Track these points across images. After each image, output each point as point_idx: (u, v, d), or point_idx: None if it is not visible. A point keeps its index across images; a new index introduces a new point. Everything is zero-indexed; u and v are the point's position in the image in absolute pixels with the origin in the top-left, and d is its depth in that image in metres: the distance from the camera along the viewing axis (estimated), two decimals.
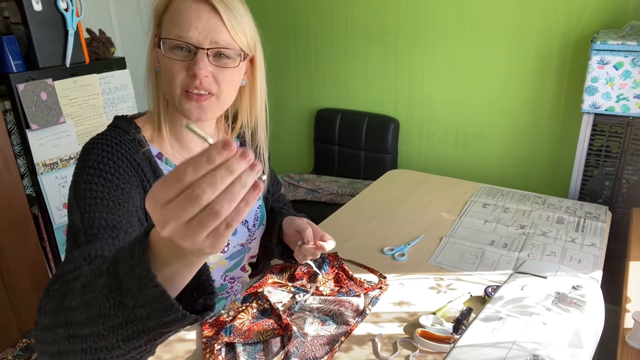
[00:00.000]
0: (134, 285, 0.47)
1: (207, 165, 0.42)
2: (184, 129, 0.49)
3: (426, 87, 2.46)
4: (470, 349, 0.62)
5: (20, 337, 1.79)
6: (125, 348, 0.51)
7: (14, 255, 1.73)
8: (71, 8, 1.77)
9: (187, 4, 0.81)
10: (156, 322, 0.48)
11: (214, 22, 0.81)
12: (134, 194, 0.83)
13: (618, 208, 1.82)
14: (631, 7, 1.92)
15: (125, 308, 0.48)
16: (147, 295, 0.47)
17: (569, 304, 0.68)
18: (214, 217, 0.42)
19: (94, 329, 0.51)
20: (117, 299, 0.49)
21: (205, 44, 0.80)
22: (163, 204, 0.43)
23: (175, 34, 0.80)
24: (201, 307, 0.54)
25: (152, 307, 0.47)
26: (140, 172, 0.85)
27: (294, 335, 0.98)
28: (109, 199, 0.77)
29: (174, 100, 0.84)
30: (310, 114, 2.87)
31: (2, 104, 1.68)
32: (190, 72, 0.81)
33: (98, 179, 0.78)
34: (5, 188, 1.67)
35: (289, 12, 2.71)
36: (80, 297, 0.53)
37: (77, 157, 1.87)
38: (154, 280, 0.46)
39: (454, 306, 1.12)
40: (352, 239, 1.45)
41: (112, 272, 0.50)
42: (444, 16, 2.30)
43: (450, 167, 2.53)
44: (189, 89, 0.82)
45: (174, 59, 0.81)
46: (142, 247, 0.47)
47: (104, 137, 0.85)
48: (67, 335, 0.54)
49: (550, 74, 2.16)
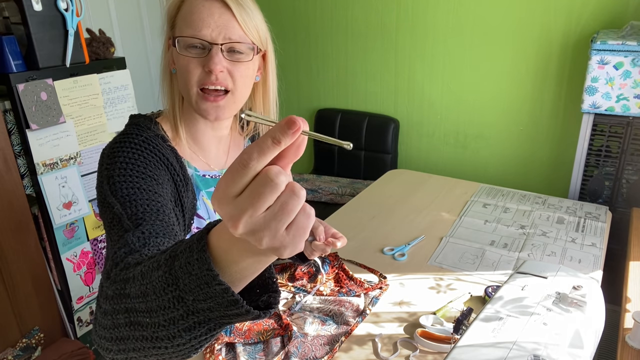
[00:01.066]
0: (192, 282, 0.46)
1: (273, 147, 0.38)
2: (243, 117, 0.46)
3: (426, 87, 2.46)
4: (470, 349, 0.62)
5: (20, 337, 1.79)
6: (186, 337, 0.50)
7: (14, 255, 1.73)
8: (71, 8, 1.77)
9: (198, 3, 0.82)
10: (218, 314, 0.47)
11: (226, 18, 0.82)
12: (166, 186, 0.83)
13: (618, 208, 1.82)
14: (631, 7, 1.92)
15: (185, 302, 0.47)
16: (208, 292, 0.45)
17: (570, 304, 0.68)
18: (294, 201, 0.39)
19: (155, 319, 0.50)
20: (176, 293, 0.48)
21: (219, 40, 0.82)
22: (232, 198, 0.39)
23: (189, 33, 0.82)
24: (264, 304, 0.52)
25: (213, 302, 0.46)
26: (170, 165, 0.86)
27: (294, 335, 0.98)
28: (145, 189, 0.77)
29: (191, 100, 0.86)
30: (310, 114, 2.87)
31: (2, 104, 1.68)
32: (205, 68, 0.82)
33: (132, 171, 0.79)
34: (5, 188, 1.67)
35: (289, 12, 2.71)
36: (139, 286, 0.52)
37: (83, 157, 1.87)
38: (216, 279, 0.44)
39: (454, 306, 1.12)
40: (352, 239, 1.45)
41: (169, 266, 0.48)
42: (444, 16, 2.30)
43: (450, 167, 2.53)
44: (205, 85, 0.83)
45: (189, 57, 0.83)
46: (201, 244, 0.45)
47: (129, 136, 0.84)
48: (127, 322, 0.53)
49: (550, 74, 2.16)
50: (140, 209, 0.72)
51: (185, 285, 0.47)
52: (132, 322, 0.53)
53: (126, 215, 0.71)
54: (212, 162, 0.98)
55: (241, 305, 0.45)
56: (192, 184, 0.91)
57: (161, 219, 0.72)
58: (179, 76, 0.86)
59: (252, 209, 0.38)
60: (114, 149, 0.82)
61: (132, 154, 0.81)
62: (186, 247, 0.47)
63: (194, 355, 0.54)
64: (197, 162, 0.95)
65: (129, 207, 0.72)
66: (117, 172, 0.78)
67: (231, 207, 0.39)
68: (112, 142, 0.84)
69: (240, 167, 0.39)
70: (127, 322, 0.53)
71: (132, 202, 0.73)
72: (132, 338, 0.53)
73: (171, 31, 0.87)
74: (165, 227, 0.70)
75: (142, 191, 0.76)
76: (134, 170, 0.79)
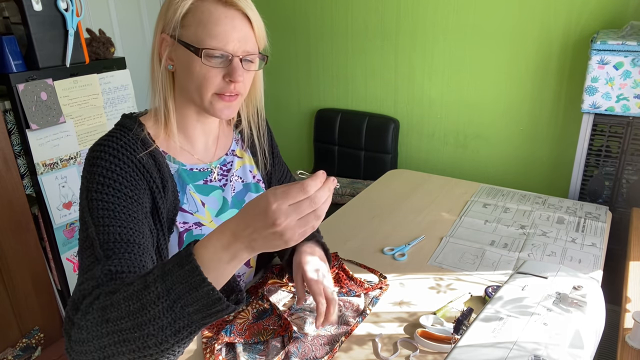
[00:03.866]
0: (184, 289, 0.60)
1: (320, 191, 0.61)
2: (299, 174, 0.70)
3: (426, 87, 2.46)
4: (470, 349, 0.62)
5: (20, 337, 1.79)
6: (172, 341, 0.62)
7: (14, 255, 1.73)
8: (71, 8, 1.77)
9: (219, 13, 0.84)
10: (201, 315, 0.61)
11: (246, 31, 0.86)
12: (142, 200, 0.85)
13: (618, 208, 1.82)
14: (631, 7, 1.92)
15: (174, 309, 0.60)
16: (197, 295, 0.59)
17: (570, 304, 0.68)
18: (315, 219, 0.60)
19: (144, 331, 0.61)
20: (167, 303, 0.60)
21: (239, 53, 0.86)
22: (287, 206, 0.59)
23: (215, 45, 0.83)
24: (234, 301, 0.65)
25: (199, 304, 0.60)
26: (147, 173, 0.87)
27: (294, 335, 0.98)
28: (120, 211, 0.80)
29: (203, 101, 0.88)
30: (310, 114, 2.87)
31: (2, 104, 1.68)
32: (226, 78, 0.86)
33: (108, 188, 0.81)
34: (5, 188, 1.67)
35: (288, 12, 2.71)
36: (124, 308, 0.63)
37: (83, 157, 1.87)
38: (205, 282, 0.59)
39: (454, 306, 1.12)
40: (352, 239, 1.45)
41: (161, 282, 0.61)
42: (444, 16, 2.30)
43: (450, 167, 2.53)
44: (224, 93, 0.87)
45: (210, 67, 0.85)
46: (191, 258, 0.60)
47: (109, 140, 0.86)
48: (112, 342, 0.64)
49: (550, 74, 2.16)
50: (112, 238, 0.77)
51: (177, 294, 0.60)
52: (119, 341, 0.63)
53: (98, 242, 0.77)
54: (201, 155, 1.00)
55: (223, 301, 0.60)
56: (173, 183, 0.93)
57: (130, 250, 0.77)
58: (187, 78, 0.87)
59: (295, 215, 0.59)
60: (94, 155, 0.84)
61: (110, 163, 0.83)
62: (175, 263, 0.61)
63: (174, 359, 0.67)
64: (185, 156, 0.97)
65: (102, 233, 0.77)
66: (94, 188, 0.81)
67: (284, 212, 0.59)
68: (95, 145, 0.86)
69: (299, 191, 0.59)
70: (112, 342, 0.64)
71: (105, 227, 0.78)
72: (119, 353, 0.64)
73: (179, 30, 0.85)
74: (133, 260, 0.76)
75: (117, 214, 0.80)
76: (110, 187, 0.81)
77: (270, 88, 2.92)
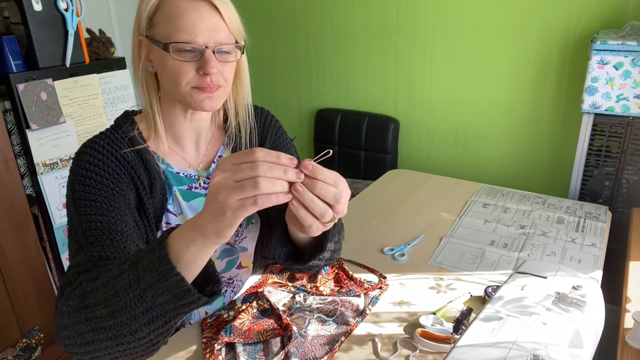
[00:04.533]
0: (153, 278, 0.58)
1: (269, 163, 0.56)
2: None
3: (426, 87, 2.46)
4: (470, 349, 0.62)
5: (20, 337, 1.79)
6: (146, 330, 0.62)
7: (14, 255, 1.73)
8: (71, 8, 1.77)
9: (185, 5, 0.81)
10: (173, 306, 0.60)
11: (214, 21, 0.82)
12: (125, 192, 0.86)
13: (618, 208, 1.82)
14: (631, 7, 1.92)
15: (144, 299, 0.59)
16: (166, 284, 0.58)
17: (569, 304, 0.68)
18: (252, 186, 0.55)
19: (118, 319, 0.61)
20: (137, 292, 0.59)
21: (210, 43, 0.82)
22: (229, 164, 0.56)
23: (183, 39, 0.81)
24: (209, 294, 0.64)
25: (169, 294, 0.59)
26: (131, 169, 0.87)
27: (294, 335, 0.98)
28: (102, 202, 0.81)
29: (183, 96, 0.86)
30: (310, 114, 2.87)
31: (2, 104, 1.68)
32: (200, 72, 0.83)
33: (90, 181, 0.83)
34: (5, 188, 1.67)
35: (289, 12, 2.71)
36: (101, 294, 0.63)
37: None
38: (173, 271, 0.57)
39: (454, 306, 1.12)
40: (352, 239, 1.45)
41: (133, 269, 0.60)
42: (444, 16, 2.30)
43: (450, 167, 2.53)
44: (200, 86, 0.84)
45: (181, 61, 0.82)
46: (162, 246, 0.59)
47: (97, 138, 0.88)
48: (90, 329, 0.64)
49: (550, 74, 2.16)
50: (94, 226, 0.78)
51: (147, 282, 0.59)
52: (95, 328, 0.64)
53: (82, 230, 0.78)
54: (191, 157, 0.98)
55: (193, 292, 0.58)
56: (161, 182, 0.92)
57: (112, 238, 0.78)
58: (165, 76, 0.85)
59: (231, 175, 0.56)
60: (81, 153, 0.86)
61: (94, 158, 0.85)
62: (148, 250, 0.60)
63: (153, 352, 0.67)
64: (174, 158, 0.96)
65: (85, 221, 0.79)
66: (78, 180, 0.83)
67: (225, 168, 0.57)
68: (82, 145, 0.88)
69: (249, 154, 0.57)
70: (90, 329, 0.64)
71: (87, 215, 0.79)
72: (96, 340, 0.64)
73: (149, 30, 0.85)
74: (116, 247, 0.77)
75: (99, 204, 0.81)
76: (92, 180, 0.83)
77: (270, 88, 2.92)
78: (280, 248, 0.87)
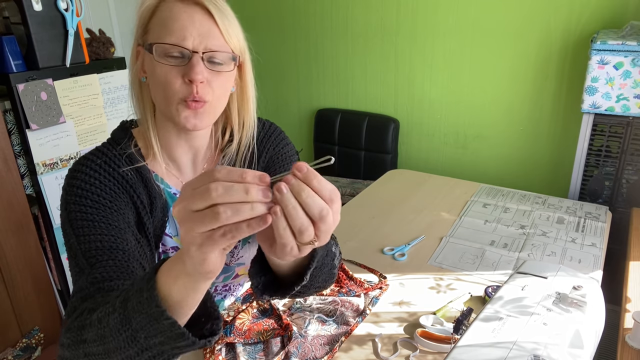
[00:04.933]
0: (143, 320, 0.53)
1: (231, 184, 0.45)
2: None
3: (426, 87, 2.46)
4: (470, 349, 0.62)
5: (20, 337, 1.79)
6: None
7: (14, 255, 1.72)
8: (71, 8, 1.77)
9: (178, 9, 0.77)
10: (169, 347, 0.54)
11: (207, 26, 0.77)
12: (124, 211, 0.81)
13: (618, 208, 1.82)
14: (631, 7, 1.92)
15: (137, 340, 0.54)
16: (158, 327, 0.52)
17: (570, 304, 0.68)
18: (212, 218, 0.44)
19: (113, 358, 0.57)
20: (129, 333, 0.54)
21: (200, 49, 0.77)
22: (190, 189, 0.46)
23: (170, 40, 0.76)
24: (208, 332, 0.59)
25: (163, 336, 0.53)
26: (130, 188, 0.83)
27: (294, 335, 0.98)
28: (100, 220, 0.77)
29: (169, 109, 0.79)
30: (310, 114, 2.87)
31: (2, 104, 1.68)
32: (186, 78, 0.77)
33: (86, 200, 0.78)
34: (5, 188, 1.67)
35: (288, 12, 2.71)
36: (96, 330, 0.58)
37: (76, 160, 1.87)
38: (164, 314, 0.51)
39: (454, 306, 1.12)
40: (352, 239, 1.45)
41: (123, 308, 0.55)
42: (444, 16, 2.30)
43: (450, 167, 2.53)
44: (187, 99, 0.78)
45: (168, 66, 0.77)
46: (150, 284, 0.52)
47: (93, 154, 0.83)
48: None
49: (550, 74, 2.16)
50: (93, 246, 0.74)
51: (138, 324, 0.53)
52: None
53: (81, 252, 0.74)
54: (188, 178, 0.92)
55: (187, 337, 0.52)
56: (162, 201, 0.87)
57: (114, 257, 0.73)
58: (153, 85, 0.80)
59: (188, 204, 0.46)
60: (75, 170, 0.81)
61: (90, 177, 0.80)
62: (137, 288, 0.54)
63: None
64: (171, 178, 0.90)
65: (83, 242, 0.74)
66: (73, 200, 0.78)
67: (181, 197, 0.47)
68: (76, 161, 0.83)
69: (207, 176, 0.46)
70: None
71: (86, 236, 0.75)
72: None
73: (143, 37, 0.81)
74: (119, 266, 0.72)
75: (97, 223, 0.76)
76: (89, 199, 0.78)
77: (270, 88, 2.92)
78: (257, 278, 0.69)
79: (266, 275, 0.70)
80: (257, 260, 0.69)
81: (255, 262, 0.69)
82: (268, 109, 2.96)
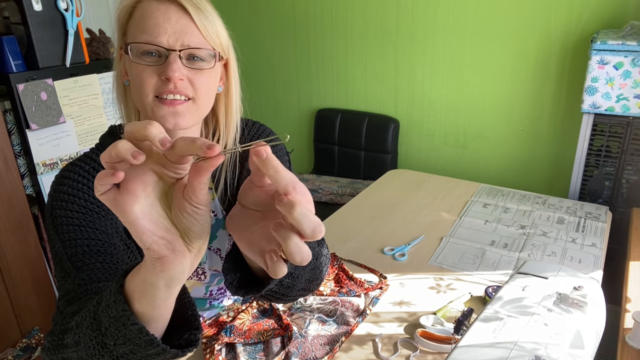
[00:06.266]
0: (111, 325, 0.49)
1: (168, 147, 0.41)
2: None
3: (426, 87, 2.46)
4: (471, 350, 0.62)
5: (20, 337, 1.79)
6: None
7: (14, 255, 1.72)
8: (71, 8, 1.76)
9: (152, 7, 0.75)
10: (140, 355, 0.50)
11: (183, 23, 0.75)
12: (112, 216, 0.80)
13: (618, 208, 1.82)
14: (631, 7, 1.92)
15: (107, 347, 0.51)
16: (126, 333, 0.48)
17: (570, 304, 0.68)
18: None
19: None
20: (99, 339, 0.51)
21: (177, 46, 0.74)
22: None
23: (144, 39, 0.74)
24: (186, 342, 0.54)
25: (132, 344, 0.49)
26: None
27: (294, 335, 0.98)
28: (86, 225, 0.75)
29: (146, 109, 0.77)
30: (310, 114, 2.87)
31: (2, 104, 1.68)
32: (163, 77, 0.74)
33: (72, 205, 0.77)
34: (5, 188, 1.67)
35: (288, 12, 2.71)
36: (74, 335, 0.55)
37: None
38: (130, 319, 0.47)
39: (454, 306, 1.12)
40: (352, 239, 1.45)
41: (95, 312, 0.52)
42: (444, 16, 2.30)
43: (451, 167, 2.53)
44: (163, 95, 0.75)
45: (143, 65, 0.75)
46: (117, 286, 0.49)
47: (80, 161, 0.82)
48: None
49: (550, 74, 2.16)
50: (79, 250, 0.72)
51: (107, 329, 0.50)
52: None
53: (67, 256, 0.72)
54: None
55: (157, 344, 0.48)
56: None
57: (102, 260, 0.71)
58: (132, 87, 0.78)
59: None
60: (62, 176, 0.80)
61: (77, 182, 0.78)
62: (107, 292, 0.50)
63: None
64: None
65: (69, 246, 0.73)
66: (58, 205, 0.77)
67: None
68: (65, 166, 0.82)
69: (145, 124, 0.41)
70: None
71: (72, 241, 0.73)
72: None
73: (122, 39, 0.79)
74: (107, 269, 0.70)
75: (83, 228, 0.75)
76: (75, 204, 0.77)
77: (270, 88, 2.92)
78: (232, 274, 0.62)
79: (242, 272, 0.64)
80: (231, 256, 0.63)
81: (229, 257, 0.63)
82: (268, 109, 2.96)
